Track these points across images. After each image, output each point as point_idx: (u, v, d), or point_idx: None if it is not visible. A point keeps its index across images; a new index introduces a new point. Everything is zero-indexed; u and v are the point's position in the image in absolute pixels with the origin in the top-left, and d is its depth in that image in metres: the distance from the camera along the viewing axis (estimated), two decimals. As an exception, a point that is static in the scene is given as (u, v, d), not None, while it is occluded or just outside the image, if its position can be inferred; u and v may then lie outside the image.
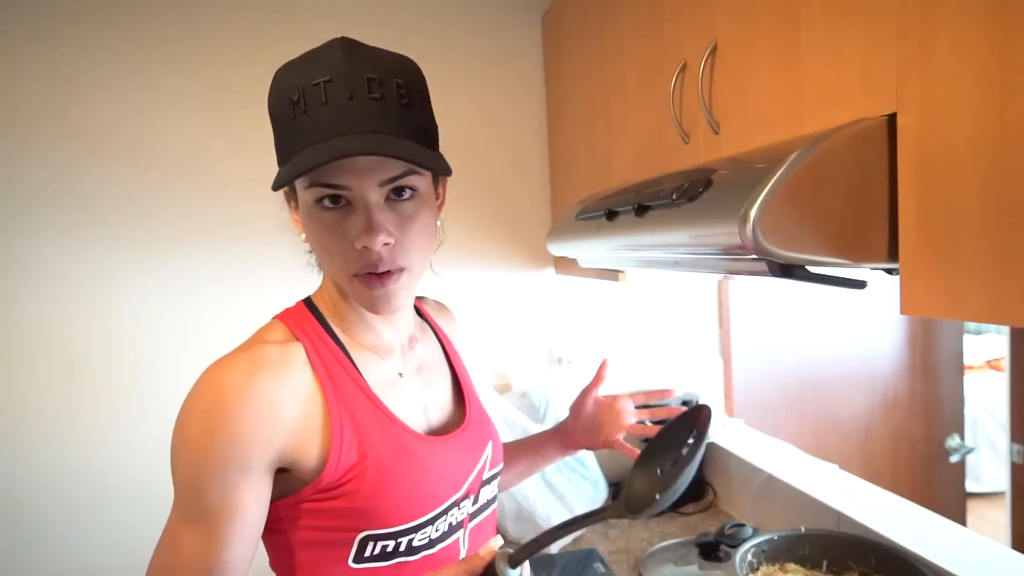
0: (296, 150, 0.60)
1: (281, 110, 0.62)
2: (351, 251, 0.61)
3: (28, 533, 1.45)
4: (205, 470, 0.59)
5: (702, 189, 0.69)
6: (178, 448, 0.61)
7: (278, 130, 0.64)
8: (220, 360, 0.63)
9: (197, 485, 0.60)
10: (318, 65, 0.61)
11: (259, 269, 1.56)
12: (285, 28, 1.55)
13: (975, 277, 0.51)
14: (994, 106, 0.49)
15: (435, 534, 0.68)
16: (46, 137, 1.43)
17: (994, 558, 0.99)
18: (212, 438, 0.59)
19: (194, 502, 0.60)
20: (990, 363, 3.72)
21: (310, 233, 0.65)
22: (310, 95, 0.60)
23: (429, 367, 0.78)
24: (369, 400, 0.67)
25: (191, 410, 0.61)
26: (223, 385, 0.60)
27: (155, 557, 0.61)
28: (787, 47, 0.72)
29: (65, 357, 1.46)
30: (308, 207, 0.63)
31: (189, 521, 0.60)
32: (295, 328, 0.68)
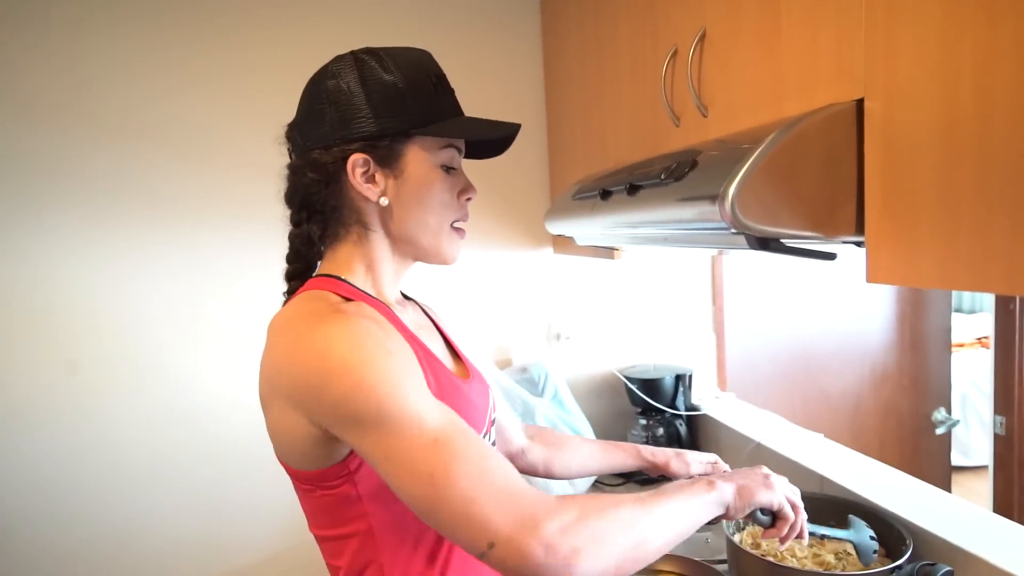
0: (445, 117, 0.76)
1: (420, 91, 0.75)
2: (456, 203, 0.78)
3: (29, 531, 1.52)
4: (403, 383, 0.63)
5: (688, 169, 0.75)
6: (356, 390, 0.62)
7: (412, 105, 0.74)
8: (316, 320, 0.66)
9: (402, 398, 0.62)
10: (432, 62, 0.78)
11: (268, 254, 1.61)
12: (291, 11, 1.58)
13: (929, 247, 0.57)
14: (946, 92, 0.54)
15: None
16: (52, 123, 1.46)
17: (966, 516, 1.05)
18: (377, 351, 0.63)
19: (417, 412, 0.62)
20: (980, 340, 3.79)
21: (429, 190, 0.76)
22: (442, 83, 0.77)
23: (425, 327, 0.86)
24: (420, 345, 0.75)
25: (332, 355, 0.62)
26: (350, 326, 0.64)
27: (441, 484, 0.60)
28: (769, 35, 0.77)
29: (69, 349, 1.50)
30: (434, 166, 0.76)
31: (428, 431, 0.62)
32: (340, 292, 0.74)
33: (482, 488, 0.60)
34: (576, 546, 0.59)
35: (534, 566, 0.58)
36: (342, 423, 0.64)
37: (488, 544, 0.59)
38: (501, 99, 1.71)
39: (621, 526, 0.63)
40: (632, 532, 0.63)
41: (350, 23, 1.62)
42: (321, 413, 0.65)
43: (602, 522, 0.62)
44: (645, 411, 1.73)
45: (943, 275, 0.55)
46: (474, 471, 0.61)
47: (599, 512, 0.62)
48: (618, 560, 0.62)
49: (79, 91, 1.47)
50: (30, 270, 1.48)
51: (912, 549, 0.97)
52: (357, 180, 0.74)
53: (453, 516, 0.60)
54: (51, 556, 1.52)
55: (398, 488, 0.62)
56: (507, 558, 0.59)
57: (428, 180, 0.75)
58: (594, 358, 1.85)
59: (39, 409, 1.50)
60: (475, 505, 0.59)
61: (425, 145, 0.75)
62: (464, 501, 0.59)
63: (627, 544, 0.63)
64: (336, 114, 0.73)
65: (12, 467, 1.49)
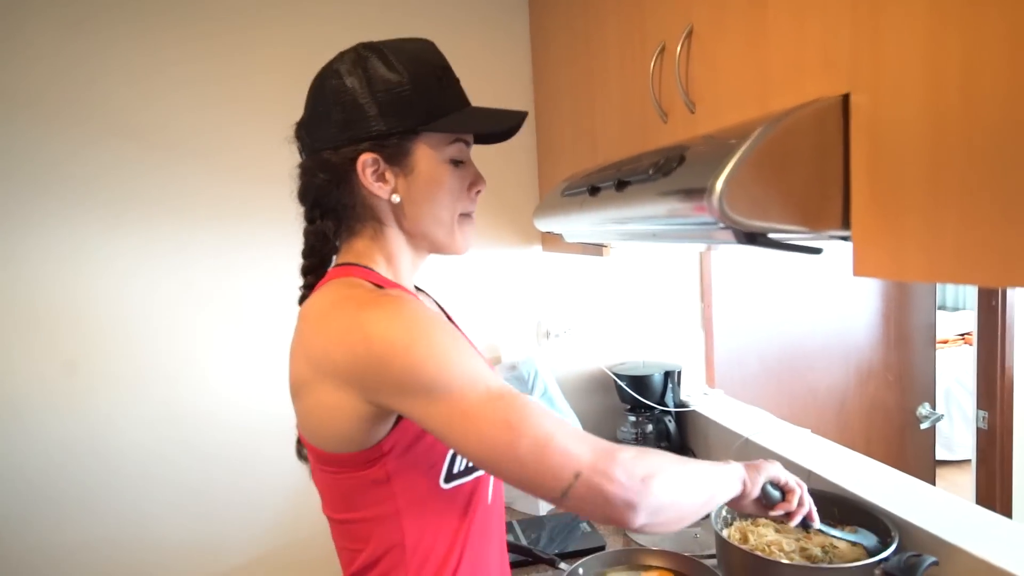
0: (452, 110, 0.76)
1: (427, 80, 0.76)
2: (465, 195, 0.80)
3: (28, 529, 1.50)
4: (462, 352, 0.67)
5: (676, 164, 0.75)
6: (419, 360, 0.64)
7: (419, 102, 0.75)
8: (365, 302, 0.68)
9: (465, 364, 0.66)
10: (435, 53, 0.79)
11: (265, 253, 1.60)
12: (280, 10, 1.57)
13: (915, 240, 0.57)
14: (932, 86, 0.54)
15: None
16: (51, 123, 1.45)
17: (950, 508, 1.07)
18: (431, 325, 0.67)
19: (481, 375, 0.66)
20: (964, 337, 3.85)
21: (436, 183, 0.77)
22: (447, 75, 0.78)
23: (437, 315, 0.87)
24: (458, 329, 0.79)
25: (392, 331, 0.65)
26: (401, 305, 0.68)
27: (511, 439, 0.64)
28: (755, 30, 0.77)
29: (65, 350, 1.50)
30: (442, 161, 0.77)
31: (494, 390, 0.66)
32: (371, 279, 0.75)
33: (557, 427, 0.65)
34: (648, 471, 0.66)
35: (617, 488, 0.64)
36: (408, 396, 0.65)
37: (575, 474, 0.63)
38: (490, 96, 1.69)
39: (674, 464, 0.71)
40: (683, 472, 0.72)
41: (337, 21, 1.61)
42: (383, 389, 0.66)
43: (659, 457, 0.70)
44: (634, 408, 1.73)
45: (929, 268, 0.55)
46: (548, 414, 0.66)
47: (656, 454, 0.70)
48: (678, 492, 0.69)
49: (79, 91, 1.46)
50: (28, 270, 1.46)
51: (898, 541, 0.98)
52: (368, 179, 0.75)
53: (536, 454, 0.63)
54: (48, 556, 1.50)
55: (472, 445, 0.65)
56: (593, 486, 0.63)
57: (438, 175, 0.77)
58: (583, 355, 1.85)
59: (36, 409, 1.48)
60: (555, 440, 0.64)
61: (433, 141, 0.76)
62: (546, 437, 0.64)
63: (682, 480, 0.70)
64: (343, 115, 0.74)
65: (9, 466, 1.47)
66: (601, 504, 0.64)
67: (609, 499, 0.64)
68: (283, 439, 1.59)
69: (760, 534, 1.12)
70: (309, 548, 1.64)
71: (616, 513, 0.65)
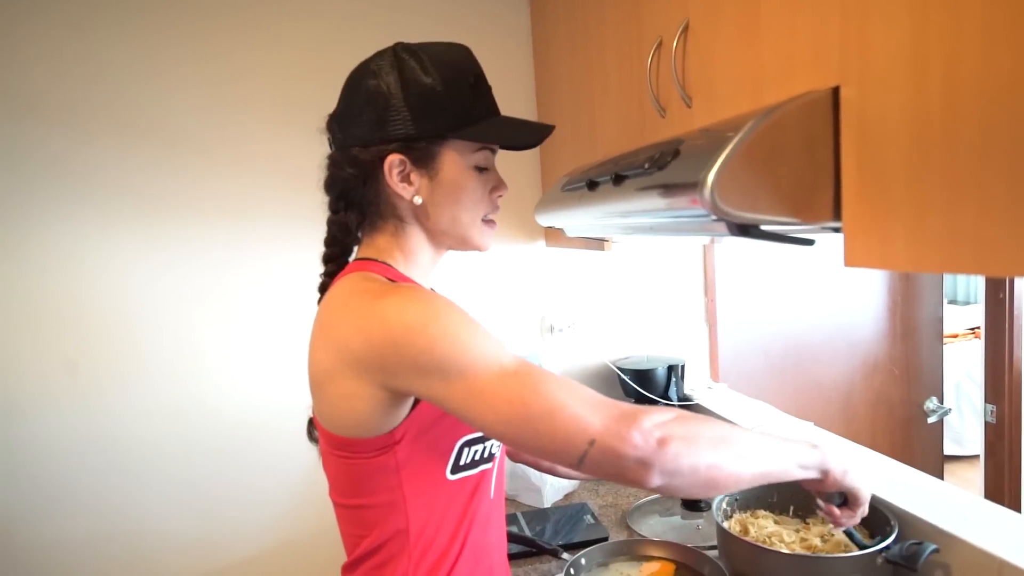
0: (483, 117, 0.79)
1: (458, 86, 0.78)
2: (488, 199, 0.82)
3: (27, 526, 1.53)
4: (476, 332, 0.69)
5: (670, 158, 0.76)
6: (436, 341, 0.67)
7: (452, 99, 0.77)
8: (382, 292, 0.71)
9: (480, 343, 0.68)
10: (471, 60, 0.82)
11: (267, 247, 1.62)
12: (281, 10, 1.59)
13: (902, 230, 0.58)
14: (915, 79, 0.55)
15: (486, 453, 0.81)
16: (53, 122, 1.48)
17: (950, 499, 1.07)
18: (446, 308, 0.69)
19: (496, 353, 0.68)
20: (974, 331, 3.82)
21: (460, 187, 0.79)
22: (481, 81, 0.81)
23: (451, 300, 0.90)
24: None
25: (407, 315, 0.68)
26: (416, 293, 0.71)
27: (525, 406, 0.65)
28: (749, 25, 0.78)
29: (68, 347, 1.52)
30: (468, 167, 0.80)
31: (508, 366, 0.67)
32: (387, 274, 0.78)
33: (573, 395, 0.66)
34: (667, 434, 0.65)
35: (635, 454, 0.63)
36: (425, 376, 0.67)
37: (589, 441, 0.64)
38: (492, 90, 1.72)
39: (713, 434, 0.69)
40: (724, 441, 0.69)
41: (339, 19, 1.63)
42: (401, 372, 0.68)
43: (696, 424, 0.68)
44: (638, 402, 1.74)
45: (915, 257, 0.56)
46: (562, 384, 0.67)
47: (693, 418, 0.69)
48: (706, 460, 0.67)
49: (79, 91, 1.48)
50: (31, 267, 1.49)
51: (898, 531, 0.98)
52: (393, 180, 0.77)
53: (551, 421, 0.65)
54: (55, 550, 1.53)
55: (490, 421, 0.66)
56: (608, 450, 0.64)
57: (462, 181, 0.79)
58: (587, 350, 1.86)
59: (40, 405, 1.51)
60: (567, 410, 0.65)
61: (460, 147, 0.78)
62: (559, 406, 0.65)
63: (716, 449, 0.68)
64: (375, 114, 0.76)
65: (15, 463, 1.50)
66: (616, 464, 0.65)
67: (622, 458, 0.64)
68: (287, 434, 1.63)
69: (760, 526, 1.13)
70: (313, 542, 1.67)
71: (630, 473, 0.65)
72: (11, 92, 1.45)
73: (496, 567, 0.87)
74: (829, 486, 0.80)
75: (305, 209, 1.57)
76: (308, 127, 0.89)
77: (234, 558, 1.65)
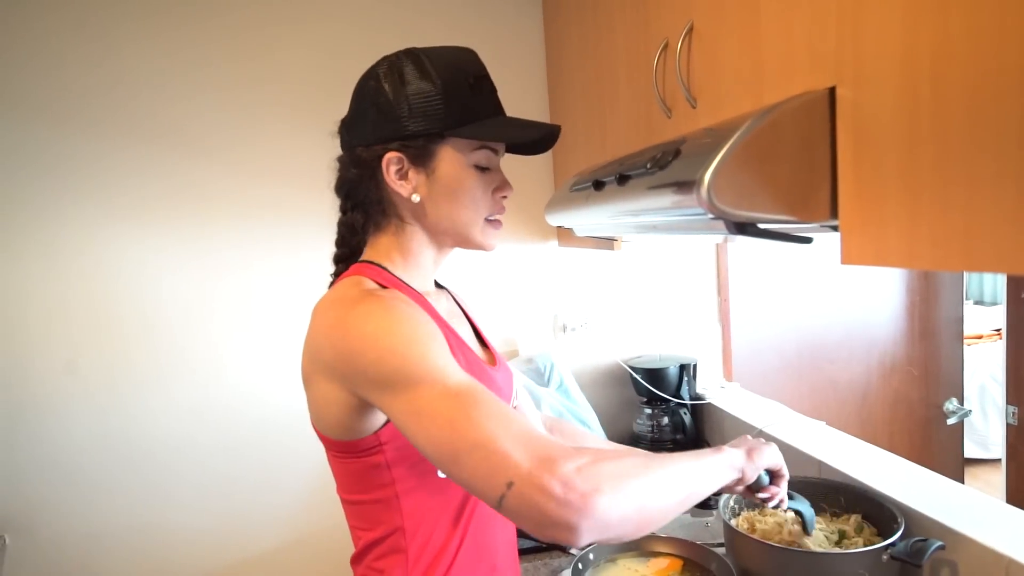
0: (483, 117, 0.79)
1: (457, 91, 0.79)
2: (490, 200, 0.83)
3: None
4: (428, 349, 0.68)
5: (671, 158, 0.77)
6: (386, 353, 0.67)
7: (447, 106, 0.78)
8: (353, 301, 0.72)
9: (429, 361, 0.67)
10: (473, 62, 0.82)
11: (282, 247, 1.66)
12: (293, 12, 1.63)
13: (895, 228, 0.59)
14: (907, 79, 0.56)
15: None
16: (60, 123, 1.52)
17: (957, 497, 1.07)
18: (406, 322, 0.69)
19: (443, 372, 0.67)
20: (999, 332, 3.74)
21: (461, 187, 0.80)
22: (481, 83, 0.81)
23: (455, 315, 0.92)
24: (449, 329, 0.81)
25: (367, 326, 0.68)
26: (384, 304, 0.71)
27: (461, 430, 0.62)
28: (750, 27, 0.80)
29: (70, 347, 1.56)
30: (466, 165, 0.80)
31: (451, 387, 0.65)
32: (379, 280, 0.80)
33: (501, 429, 0.61)
34: (593, 485, 0.59)
35: (553, 503, 0.57)
36: (375, 387, 0.69)
37: (507, 483, 0.59)
38: (505, 93, 1.74)
39: (637, 471, 0.64)
40: (647, 478, 0.64)
41: (353, 22, 1.66)
42: (357, 380, 0.70)
43: (618, 465, 0.63)
44: (650, 401, 1.75)
45: (908, 254, 0.57)
46: (493, 414, 0.63)
47: (615, 457, 0.64)
48: (635, 504, 0.62)
49: (79, 91, 1.52)
50: (53, 268, 1.54)
51: (904, 528, 0.99)
52: (391, 177, 0.80)
53: (473, 459, 0.61)
54: (81, 541, 1.59)
55: (422, 441, 0.65)
56: (526, 497, 0.58)
57: (460, 179, 0.80)
58: (600, 349, 1.88)
59: (60, 405, 1.56)
60: (494, 443, 0.60)
61: (459, 146, 0.79)
62: (484, 440, 0.61)
63: (643, 489, 0.63)
64: (376, 115, 0.79)
65: (43, 457, 1.55)
66: (537, 520, 0.58)
67: (545, 515, 0.58)
68: (302, 431, 1.65)
69: (768, 522, 1.14)
70: (330, 535, 1.71)
71: (554, 532, 0.58)
72: (23, 91, 1.49)
73: (501, 565, 0.87)
74: (749, 477, 0.82)
75: (319, 209, 1.61)
76: (321, 129, 0.92)
77: (252, 552, 1.70)
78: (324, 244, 0.92)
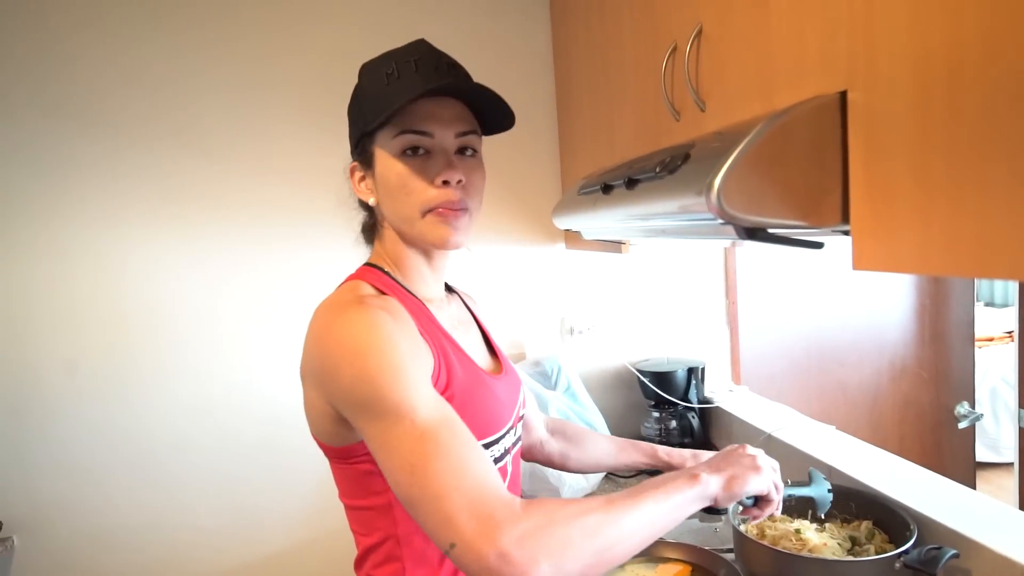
0: (391, 104, 0.73)
1: (374, 85, 0.76)
2: (430, 189, 0.75)
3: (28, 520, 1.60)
4: (403, 374, 0.66)
5: (681, 162, 0.77)
6: (360, 377, 0.66)
7: (369, 100, 0.76)
8: (341, 308, 0.71)
9: (400, 390, 0.65)
10: (408, 50, 0.77)
11: (290, 246, 1.67)
12: (299, 13, 1.63)
13: (907, 233, 0.58)
14: (919, 82, 0.55)
15: (497, 453, 0.81)
16: (62, 124, 1.52)
17: (971, 504, 1.06)
18: (385, 342, 0.67)
19: (412, 404, 0.65)
20: (1010, 334, 3.70)
21: (391, 180, 0.77)
22: (403, 67, 0.75)
23: (464, 323, 0.92)
24: (448, 339, 0.80)
25: (347, 341, 0.67)
26: (368, 318, 0.68)
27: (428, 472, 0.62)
28: (759, 30, 0.79)
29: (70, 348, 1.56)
30: (393, 156, 0.76)
31: (418, 424, 0.64)
32: (378, 284, 0.80)
33: (454, 486, 0.61)
34: (532, 556, 0.58)
35: (488, 573, 0.58)
36: (350, 407, 0.69)
37: (450, 544, 0.60)
38: (512, 96, 1.73)
39: (585, 534, 0.62)
40: (597, 539, 0.62)
41: (359, 25, 1.66)
42: (335, 395, 0.70)
43: (565, 529, 0.61)
44: (658, 404, 1.74)
45: (920, 260, 0.57)
46: (451, 467, 0.62)
47: (564, 520, 0.61)
48: (582, 564, 0.61)
49: (84, 91, 1.52)
50: (62, 267, 1.54)
51: (917, 535, 0.97)
52: (356, 186, 0.83)
53: (425, 510, 0.62)
54: (93, 537, 1.59)
55: (385, 473, 0.66)
56: (465, 561, 0.59)
57: (392, 172, 0.77)
58: (607, 352, 1.87)
59: (68, 404, 1.56)
60: (444, 502, 0.61)
61: (383, 139, 0.77)
62: (435, 497, 0.61)
63: (590, 552, 0.62)
64: (350, 127, 0.83)
65: (54, 454, 1.56)
66: None
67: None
68: (308, 432, 1.66)
69: (777, 528, 1.13)
70: (339, 536, 1.70)
71: None
72: (28, 91, 1.49)
73: None
74: (724, 503, 0.77)
75: (326, 209, 1.61)
76: (329, 131, 0.93)
77: (259, 553, 1.70)
78: (336, 242, 0.93)
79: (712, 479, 0.74)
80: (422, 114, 0.75)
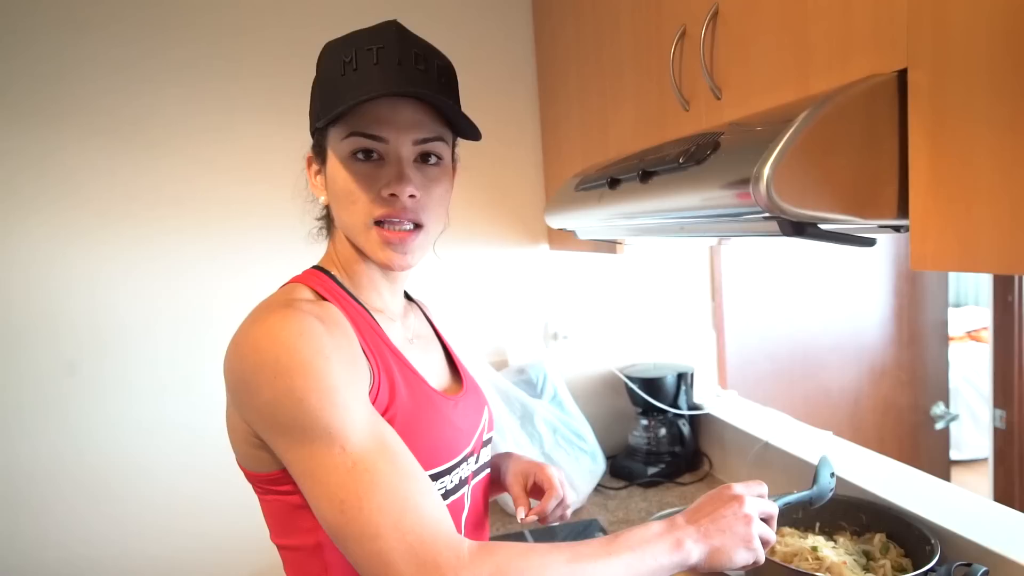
0: (344, 100, 0.63)
1: (331, 73, 0.66)
2: (378, 199, 0.66)
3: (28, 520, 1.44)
4: (334, 395, 0.57)
5: (710, 152, 0.69)
6: (283, 396, 0.56)
7: (324, 90, 0.67)
8: (267, 312, 0.61)
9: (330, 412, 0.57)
10: (372, 36, 0.66)
11: (252, 250, 1.54)
12: (284, 8, 1.52)
13: (989, 229, 0.51)
14: (1005, 55, 0.49)
15: (450, 485, 0.71)
16: (57, 126, 1.40)
17: (976, 509, 1.02)
18: (315, 357, 0.57)
19: (344, 430, 0.57)
20: (970, 334, 3.80)
21: (338, 184, 0.68)
22: (363, 57, 0.65)
23: (423, 337, 0.82)
24: (395, 355, 0.69)
25: (269, 353, 0.57)
26: (297, 325, 0.59)
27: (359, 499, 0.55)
28: (792, 7, 0.72)
29: (65, 350, 1.43)
30: (341, 159, 0.67)
31: (350, 453, 0.56)
32: (319, 289, 0.69)
33: (392, 524, 0.55)
34: None
35: None
36: (270, 429, 0.59)
37: None
38: (490, 91, 1.65)
39: None
40: None
41: (333, 16, 1.55)
42: (251, 414, 0.60)
43: None
44: (646, 411, 1.68)
45: (1009, 259, 0.50)
46: (388, 503, 0.55)
47: (517, 573, 0.55)
48: None
49: (79, 92, 1.41)
50: (29, 275, 1.41)
51: (940, 552, 0.92)
52: (312, 179, 0.74)
53: (359, 552, 0.55)
54: (61, 553, 1.44)
55: (312, 505, 0.58)
56: None
57: (339, 175, 0.68)
58: (593, 357, 1.79)
59: (43, 408, 1.43)
60: (380, 542, 0.54)
61: (334, 138, 0.68)
62: (370, 537, 0.54)
63: None
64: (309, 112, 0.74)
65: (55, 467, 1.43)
66: None
67: None
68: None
69: (787, 543, 1.06)
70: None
71: None
72: (14, 97, 1.37)
73: None
74: (704, 571, 0.67)
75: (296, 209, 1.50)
76: (298, 125, 0.82)
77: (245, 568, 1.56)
78: (298, 244, 0.81)
79: (696, 549, 0.63)
80: (376, 116, 0.65)
